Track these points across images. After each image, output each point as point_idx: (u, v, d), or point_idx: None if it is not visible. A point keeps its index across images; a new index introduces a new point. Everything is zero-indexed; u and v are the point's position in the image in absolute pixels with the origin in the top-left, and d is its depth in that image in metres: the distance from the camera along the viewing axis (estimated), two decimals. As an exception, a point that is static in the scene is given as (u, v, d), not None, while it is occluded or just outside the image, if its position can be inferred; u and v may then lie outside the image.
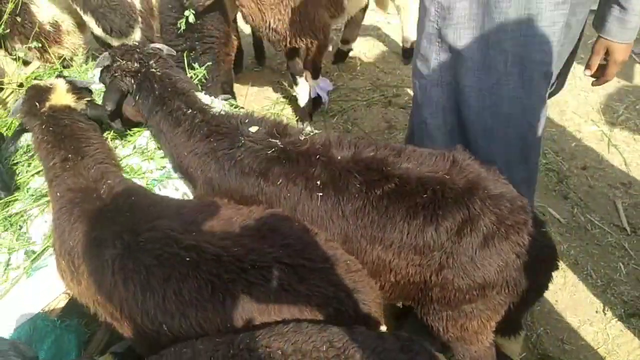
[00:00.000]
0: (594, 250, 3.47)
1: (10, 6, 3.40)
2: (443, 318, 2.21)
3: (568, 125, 4.39)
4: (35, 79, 3.35)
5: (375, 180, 2.12)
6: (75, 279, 2.06)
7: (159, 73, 2.58)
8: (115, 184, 2.19)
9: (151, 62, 2.62)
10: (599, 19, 2.43)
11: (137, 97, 2.58)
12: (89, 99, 2.63)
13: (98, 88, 2.98)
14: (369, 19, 5.47)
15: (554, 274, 2.28)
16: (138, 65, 2.59)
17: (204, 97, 2.81)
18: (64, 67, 3.61)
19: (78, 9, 3.55)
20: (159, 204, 2.14)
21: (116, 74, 2.59)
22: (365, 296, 1.90)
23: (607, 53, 2.50)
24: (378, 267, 2.14)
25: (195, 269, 1.80)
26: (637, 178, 3.91)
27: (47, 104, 2.48)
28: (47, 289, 2.20)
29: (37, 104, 2.47)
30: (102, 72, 2.69)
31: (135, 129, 2.87)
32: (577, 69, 4.89)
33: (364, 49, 5.42)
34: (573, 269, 3.36)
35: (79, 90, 2.64)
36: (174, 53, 2.92)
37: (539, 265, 2.14)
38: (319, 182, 2.15)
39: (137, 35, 3.78)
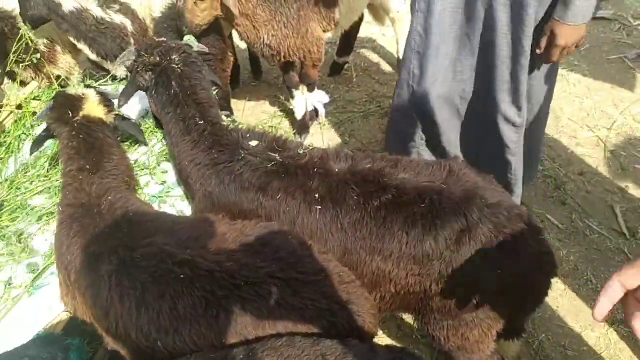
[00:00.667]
0: (593, 255, 3.47)
1: (25, 36, 3.43)
2: (444, 328, 2.21)
3: (564, 131, 4.41)
4: (34, 99, 3.38)
5: (372, 191, 2.13)
6: (70, 293, 2.08)
7: (179, 70, 2.51)
8: (117, 200, 2.19)
9: (174, 56, 2.55)
10: None
11: (153, 92, 2.56)
12: (117, 112, 2.65)
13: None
14: (364, 32, 5.51)
15: (555, 280, 2.28)
16: (158, 59, 2.54)
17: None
18: (61, 87, 3.64)
19: (72, 39, 3.58)
20: (156, 221, 2.15)
21: (138, 70, 2.57)
22: (359, 308, 1.91)
23: (553, 34, 2.58)
24: (378, 278, 2.15)
25: (190, 286, 1.80)
26: (634, 183, 3.92)
27: (81, 114, 2.50)
28: (48, 307, 2.21)
29: (69, 112, 2.49)
30: (128, 70, 2.67)
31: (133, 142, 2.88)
32: (571, 76, 4.94)
33: (359, 61, 5.47)
34: (573, 275, 3.37)
35: (109, 102, 2.65)
36: (207, 50, 2.86)
37: (538, 272, 2.15)
38: (317, 195, 2.17)
39: None
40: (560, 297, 3.25)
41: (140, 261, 1.88)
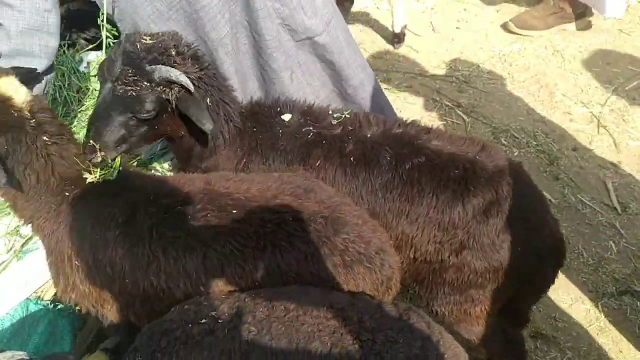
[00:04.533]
0: (585, 229, 3.49)
1: None
2: (450, 302, 2.23)
3: (558, 107, 4.40)
4: None
5: (405, 153, 2.15)
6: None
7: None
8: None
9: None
10: None
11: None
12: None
13: None
14: (358, 5, 5.44)
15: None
16: (198, 69, 2.15)
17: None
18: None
19: None
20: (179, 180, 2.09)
21: (191, 77, 2.08)
22: (390, 257, 1.93)
23: None
24: (400, 242, 2.17)
25: (241, 222, 1.84)
26: (626, 158, 3.93)
27: (20, 105, 1.79)
28: (38, 272, 2.17)
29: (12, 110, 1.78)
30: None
31: None
32: (566, 52, 4.91)
33: (353, 34, 5.38)
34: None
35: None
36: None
37: (551, 258, 2.19)
38: (352, 158, 2.18)
39: None
40: (551, 270, 3.27)
41: (183, 207, 1.87)
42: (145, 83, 1.99)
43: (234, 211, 1.87)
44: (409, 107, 4.44)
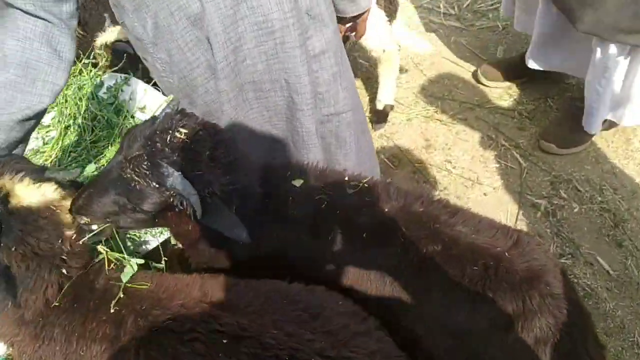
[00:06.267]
0: (645, 313, 3.02)
1: None
2: None
3: (633, 157, 3.86)
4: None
5: (421, 237, 1.87)
6: None
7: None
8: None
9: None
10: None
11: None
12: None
13: None
14: (420, 19, 5.06)
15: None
16: (229, 182, 1.88)
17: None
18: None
19: None
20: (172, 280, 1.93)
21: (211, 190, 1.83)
22: None
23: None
24: (405, 340, 1.86)
25: (231, 352, 1.63)
26: None
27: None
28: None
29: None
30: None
31: None
32: (650, 91, 4.30)
33: (413, 51, 5.00)
34: (618, 335, 2.94)
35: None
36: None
37: None
38: (364, 235, 1.95)
39: None
40: None
41: (169, 324, 1.70)
42: (154, 184, 1.73)
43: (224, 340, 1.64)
44: (460, 144, 4.04)
